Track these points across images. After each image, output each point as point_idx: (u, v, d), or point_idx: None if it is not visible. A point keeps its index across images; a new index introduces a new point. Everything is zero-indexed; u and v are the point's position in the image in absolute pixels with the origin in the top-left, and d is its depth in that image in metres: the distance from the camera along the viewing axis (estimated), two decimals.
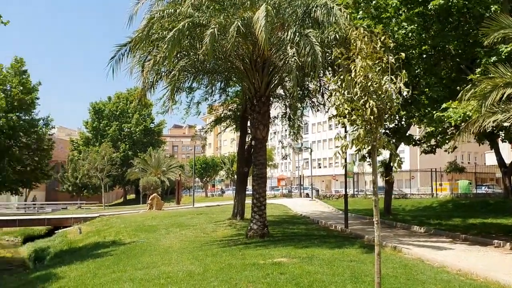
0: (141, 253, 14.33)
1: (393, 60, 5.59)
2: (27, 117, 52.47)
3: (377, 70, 5.62)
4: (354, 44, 5.66)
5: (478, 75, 12.22)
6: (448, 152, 23.99)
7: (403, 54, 5.69)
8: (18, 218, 37.92)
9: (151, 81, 15.51)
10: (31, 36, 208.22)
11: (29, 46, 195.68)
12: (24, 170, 52.22)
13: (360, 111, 5.55)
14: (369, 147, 5.87)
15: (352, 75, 5.61)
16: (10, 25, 15.56)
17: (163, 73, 15.98)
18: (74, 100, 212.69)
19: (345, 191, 20.13)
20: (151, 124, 78.95)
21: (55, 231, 33.11)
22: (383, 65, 5.62)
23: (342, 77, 5.79)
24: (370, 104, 5.43)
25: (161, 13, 14.33)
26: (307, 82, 20.47)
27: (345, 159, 12.95)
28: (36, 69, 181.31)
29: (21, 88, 50.20)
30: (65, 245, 23.89)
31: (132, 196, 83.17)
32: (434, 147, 22.80)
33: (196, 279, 9.03)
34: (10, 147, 49.69)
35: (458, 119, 12.54)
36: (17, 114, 49.80)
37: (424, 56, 15.83)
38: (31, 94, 51.75)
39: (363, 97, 5.51)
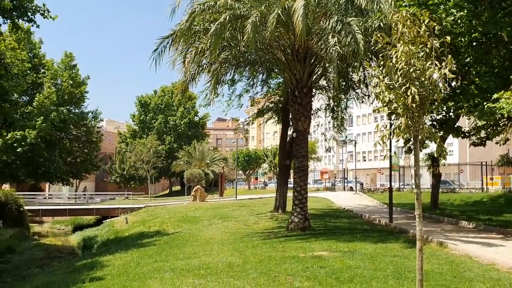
0: (183, 244, 14.49)
1: (437, 45, 5.24)
2: (77, 110, 54.49)
3: (420, 56, 5.30)
4: (396, 28, 5.37)
5: None
6: (500, 145, 22.87)
7: (448, 38, 5.31)
8: (68, 208, 39.18)
9: (192, 73, 15.63)
10: (80, 30, 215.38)
11: (77, 41, 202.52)
12: (74, 162, 54.33)
13: (401, 98, 5.27)
14: (412, 138, 5.59)
15: (393, 61, 5.32)
16: (59, 20, 16.08)
17: (205, 65, 16.06)
18: (123, 94, 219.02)
19: (390, 184, 19.63)
20: (195, 117, 79.83)
21: (103, 221, 34.18)
22: (427, 50, 5.30)
23: (382, 63, 5.52)
24: (412, 91, 5.13)
25: (202, 6, 14.41)
26: (351, 73, 20.01)
27: (390, 151, 12.55)
28: (86, 63, 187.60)
29: (71, 82, 52.10)
30: (112, 235, 24.58)
31: (178, 187, 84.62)
32: (484, 139, 21.80)
33: (235, 271, 9.02)
34: (61, 140, 51.76)
35: (511, 110, 11.89)
36: (67, 107, 51.76)
37: (474, 44, 15.12)
38: (80, 88, 53.64)
39: (405, 84, 5.22)
